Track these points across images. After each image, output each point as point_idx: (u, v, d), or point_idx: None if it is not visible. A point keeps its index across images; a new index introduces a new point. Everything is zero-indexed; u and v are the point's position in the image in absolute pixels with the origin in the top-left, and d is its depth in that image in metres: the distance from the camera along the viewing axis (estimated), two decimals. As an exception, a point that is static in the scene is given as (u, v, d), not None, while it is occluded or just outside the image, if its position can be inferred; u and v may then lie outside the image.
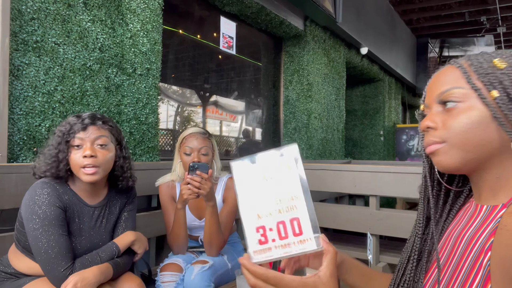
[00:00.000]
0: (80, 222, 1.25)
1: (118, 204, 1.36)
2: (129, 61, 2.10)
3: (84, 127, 1.20)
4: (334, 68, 4.55)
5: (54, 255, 1.12)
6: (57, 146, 1.20)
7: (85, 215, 1.26)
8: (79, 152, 1.19)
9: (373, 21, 5.50)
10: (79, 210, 1.25)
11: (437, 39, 8.06)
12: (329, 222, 2.33)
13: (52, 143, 1.23)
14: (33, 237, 1.13)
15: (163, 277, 1.50)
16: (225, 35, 3.16)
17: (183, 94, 3.44)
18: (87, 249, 1.24)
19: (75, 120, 1.23)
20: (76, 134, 1.19)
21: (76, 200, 1.25)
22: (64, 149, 1.19)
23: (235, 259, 1.73)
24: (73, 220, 1.23)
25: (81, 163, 1.18)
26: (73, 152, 1.20)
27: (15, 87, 1.62)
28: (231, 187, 1.73)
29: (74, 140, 1.19)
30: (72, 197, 1.24)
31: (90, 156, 1.18)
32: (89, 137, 1.20)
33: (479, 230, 0.62)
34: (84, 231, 1.25)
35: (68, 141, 1.20)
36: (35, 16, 1.68)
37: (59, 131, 1.22)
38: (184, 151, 1.64)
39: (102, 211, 1.31)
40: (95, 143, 1.21)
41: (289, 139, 4.03)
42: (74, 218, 1.23)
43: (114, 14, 2.03)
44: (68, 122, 1.23)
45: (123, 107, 2.07)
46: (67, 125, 1.22)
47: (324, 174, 2.35)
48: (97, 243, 1.27)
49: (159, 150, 2.30)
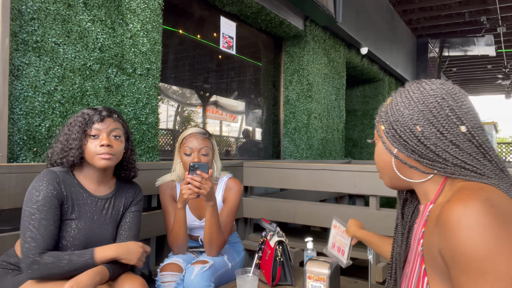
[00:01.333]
0: (82, 211, 1.29)
1: (123, 199, 1.41)
2: (129, 61, 2.10)
3: (102, 119, 1.30)
4: (334, 68, 4.55)
5: (30, 239, 1.15)
6: (74, 134, 1.27)
7: (87, 205, 1.31)
8: (95, 141, 1.28)
9: (373, 21, 5.49)
10: (82, 200, 1.30)
11: (437, 39, 8.05)
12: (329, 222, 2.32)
13: (67, 132, 1.29)
14: (22, 219, 1.19)
15: (163, 277, 1.50)
16: (225, 35, 3.16)
17: (183, 94, 3.44)
18: (86, 237, 1.27)
19: (92, 112, 1.31)
20: (94, 125, 1.28)
21: (80, 190, 1.30)
22: (81, 138, 1.27)
23: (235, 259, 1.73)
24: (73, 209, 1.27)
25: (98, 151, 1.27)
26: (90, 141, 1.28)
27: (15, 87, 1.62)
28: (231, 187, 1.73)
29: (92, 130, 1.28)
30: (76, 187, 1.30)
31: (107, 145, 1.28)
32: (106, 128, 1.30)
33: (419, 226, 0.79)
34: (85, 221, 1.28)
35: (85, 130, 1.28)
36: (35, 16, 1.68)
37: (76, 121, 1.29)
38: (184, 151, 1.64)
39: (107, 203, 1.36)
40: (111, 134, 1.31)
41: (289, 139, 4.03)
42: (74, 206, 1.27)
43: (114, 14, 2.03)
44: (85, 113, 1.31)
45: (123, 107, 2.07)
46: (85, 116, 1.30)
47: (324, 174, 2.35)
48: (98, 233, 1.31)
49: (159, 150, 2.30)
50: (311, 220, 2.40)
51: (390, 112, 0.82)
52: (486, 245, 0.57)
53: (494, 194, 0.64)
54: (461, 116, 0.73)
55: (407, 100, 0.79)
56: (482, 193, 0.64)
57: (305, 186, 2.44)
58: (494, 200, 0.62)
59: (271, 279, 1.50)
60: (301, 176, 2.45)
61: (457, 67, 10.11)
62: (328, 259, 1.33)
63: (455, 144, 0.73)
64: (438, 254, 0.66)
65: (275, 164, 2.61)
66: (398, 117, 0.79)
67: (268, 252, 1.56)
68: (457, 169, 0.72)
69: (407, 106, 0.79)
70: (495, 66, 9.79)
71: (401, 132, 0.79)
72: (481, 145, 0.72)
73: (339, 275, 1.36)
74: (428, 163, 0.76)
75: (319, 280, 1.26)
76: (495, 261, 0.57)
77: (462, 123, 0.73)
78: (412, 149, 0.77)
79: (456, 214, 0.61)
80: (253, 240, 2.70)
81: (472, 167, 0.71)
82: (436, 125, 0.74)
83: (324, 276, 1.26)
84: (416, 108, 0.77)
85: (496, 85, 11.42)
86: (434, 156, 0.74)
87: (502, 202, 0.62)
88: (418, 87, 0.80)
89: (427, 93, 0.77)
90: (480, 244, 0.58)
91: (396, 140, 0.80)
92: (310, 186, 2.42)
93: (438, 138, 0.74)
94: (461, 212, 0.61)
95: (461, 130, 0.73)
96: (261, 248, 1.61)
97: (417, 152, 0.77)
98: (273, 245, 1.54)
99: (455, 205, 0.62)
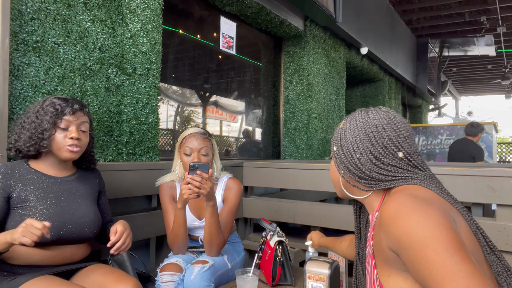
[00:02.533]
0: (44, 193, 1.30)
1: (89, 180, 1.46)
2: (129, 61, 2.10)
3: (73, 111, 1.32)
4: (334, 68, 4.55)
5: None
6: (46, 125, 1.28)
7: (49, 187, 1.32)
8: (63, 133, 1.30)
9: (373, 21, 5.49)
10: (42, 183, 1.31)
11: (437, 39, 8.05)
12: (329, 222, 2.33)
13: (36, 120, 1.29)
14: None
15: (163, 277, 1.50)
16: (225, 35, 3.16)
17: (183, 94, 3.44)
18: (58, 215, 1.28)
19: (64, 103, 1.32)
20: (65, 117, 1.30)
21: (38, 175, 1.32)
22: (50, 129, 1.28)
23: (235, 259, 1.73)
24: (33, 194, 1.27)
25: (66, 143, 1.30)
26: (58, 132, 1.30)
27: (15, 87, 1.62)
28: (231, 187, 1.73)
29: (62, 122, 1.30)
30: (31, 174, 1.31)
31: (76, 138, 1.31)
32: (76, 121, 1.33)
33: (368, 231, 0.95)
34: (51, 201, 1.29)
35: (55, 121, 1.29)
36: (35, 16, 1.68)
37: (46, 111, 1.29)
38: (184, 151, 1.64)
39: (72, 183, 1.39)
40: (80, 128, 1.34)
41: (289, 139, 4.03)
42: (33, 191, 1.28)
43: (114, 14, 2.03)
44: (57, 103, 1.31)
45: (123, 107, 2.07)
46: (56, 106, 1.30)
47: (324, 174, 2.35)
48: (73, 214, 1.32)
49: (159, 150, 2.30)
50: (311, 220, 2.40)
51: (340, 136, 0.95)
52: (417, 222, 0.71)
53: (416, 190, 0.81)
54: (398, 143, 0.86)
55: (353, 127, 0.92)
56: (406, 191, 0.80)
57: (305, 186, 2.44)
58: (416, 194, 0.78)
59: (271, 279, 1.50)
60: (301, 176, 2.45)
61: (457, 67, 10.11)
62: (328, 259, 1.33)
63: (393, 165, 0.86)
64: (388, 250, 0.78)
65: (275, 164, 2.61)
66: (344, 142, 0.93)
67: (268, 252, 1.56)
68: (389, 182, 0.86)
69: (351, 133, 0.91)
70: (495, 66, 9.78)
71: (344, 157, 0.92)
72: (416, 166, 0.87)
73: (339, 275, 1.36)
74: (366, 183, 0.90)
75: (319, 280, 1.26)
76: (428, 230, 0.69)
77: (399, 150, 0.86)
78: (352, 172, 0.91)
79: (391, 209, 0.76)
80: (253, 240, 2.70)
81: (404, 178, 0.85)
82: (373, 153, 0.87)
83: (324, 276, 1.26)
84: (358, 137, 0.90)
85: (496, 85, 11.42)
86: (369, 178, 0.88)
87: (422, 193, 0.79)
88: (364, 115, 0.92)
89: (370, 122, 0.89)
90: (414, 223, 0.71)
91: (341, 162, 0.93)
92: (310, 186, 2.42)
93: (374, 163, 0.87)
94: (394, 207, 0.76)
95: (399, 156, 0.86)
96: (262, 249, 1.61)
97: (356, 174, 0.90)
98: (273, 245, 1.54)
99: (388, 204, 0.78)
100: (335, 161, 0.96)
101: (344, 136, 0.93)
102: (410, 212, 0.73)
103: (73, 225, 1.30)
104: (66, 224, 1.28)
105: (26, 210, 1.25)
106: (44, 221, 1.14)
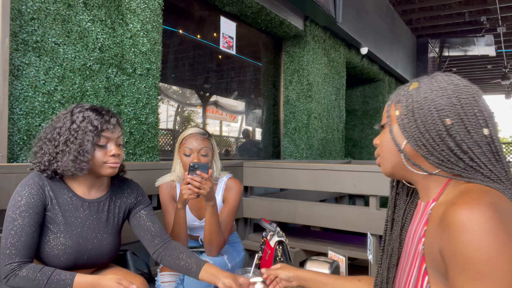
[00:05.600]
0: (71, 216, 1.22)
1: (120, 202, 1.35)
2: (129, 61, 2.10)
3: (113, 127, 1.23)
4: (334, 68, 4.55)
5: (11, 245, 1.11)
6: (87, 147, 1.17)
7: (77, 210, 1.24)
8: (102, 151, 1.21)
9: (373, 21, 5.49)
10: (71, 205, 1.23)
11: (437, 39, 8.05)
12: (329, 222, 2.33)
13: (73, 140, 1.18)
14: (4, 224, 1.15)
15: (163, 277, 1.50)
16: (225, 35, 3.16)
17: (183, 94, 3.44)
18: (78, 244, 1.21)
19: (99, 117, 1.21)
20: (103, 133, 1.20)
21: (69, 194, 1.24)
22: (91, 150, 1.18)
23: (235, 259, 1.73)
24: (62, 215, 1.21)
25: (106, 160, 1.22)
26: (97, 149, 1.20)
27: (15, 87, 1.62)
28: (231, 187, 1.73)
29: (100, 140, 1.20)
30: (63, 190, 1.23)
31: (118, 155, 1.24)
32: (115, 137, 1.24)
33: (419, 223, 0.77)
34: (75, 228, 1.22)
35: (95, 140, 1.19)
36: (35, 16, 1.68)
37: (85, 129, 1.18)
38: (183, 152, 1.64)
39: (100, 207, 1.29)
40: (117, 142, 1.26)
41: (289, 139, 4.03)
42: (61, 213, 1.21)
43: (114, 14, 2.03)
44: (93, 120, 1.19)
45: (123, 107, 2.07)
46: (95, 123, 1.19)
47: (324, 174, 2.35)
48: (91, 239, 1.25)
49: (159, 150, 2.30)
50: (311, 220, 2.40)
51: (415, 98, 0.75)
52: (487, 249, 0.58)
53: (498, 198, 0.64)
54: (487, 118, 0.72)
55: (440, 89, 0.74)
56: (487, 197, 0.63)
57: (305, 186, 2.44)
58: (498, 205, 0.62)
59: (271, 279, 1.49)
60: (301, 176, 2.45)
61: (457, 67, 10.11)
62: (328, 259, 1.33)
63: (478, 144, 0.70)
64: (438, 254, 0.66)
65: (275, 164, 2.61)
66: (424, 104, 0.74)
67: (268, 252, 1.56)
68: (466, 172, 0.71)
69: (441, 95, 0.73)
70: (495, 66, 9.79)
71: (421, 122, 0.73)
72: (498, 151, 0.71)
73: (339, 275, 1.36)
74: (435, 161, 0.73)
75: (319, 280, 1.26)
76: (494, 266, 0.57)
77: (486, 125, 0.71)
78: (423, 143, 0.73)
79: (461, 217, 0.61)
80: (253, 240, 2.70)
81: (487, 171, 0.70)
82: (465, 123, 0.71)
83: (324, 276, 1.25)
84: (450, 100, 0.72)
85: (496, 85, 11.42)
86: (449, 154, 0.71)
87: (505, 207, 0.63)
88: (451, 79, 0.75)
89: (461, 88, 0.73)
90: (482, 248, 0.58)
91: (410, 129, 0.75)
92: (310, 186, 2.42)
93: (465, 136, 0.70)
94: (466, 216, 0.61)
95: (484, 133, 0.71)
96: (262, 249, 1.61)
97: (430, 146, 0.73)
98: (273, 245, 1.54)
99: (460, 208, 0.62)
100: (402, 127, 0.77)
101: (425, 97, 0.74)
102: (486, 233, 0.59)
103: (89, 256, 1.25)
104: (83, 256, 1.24)
105: (48, 234, 1.19)
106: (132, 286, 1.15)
